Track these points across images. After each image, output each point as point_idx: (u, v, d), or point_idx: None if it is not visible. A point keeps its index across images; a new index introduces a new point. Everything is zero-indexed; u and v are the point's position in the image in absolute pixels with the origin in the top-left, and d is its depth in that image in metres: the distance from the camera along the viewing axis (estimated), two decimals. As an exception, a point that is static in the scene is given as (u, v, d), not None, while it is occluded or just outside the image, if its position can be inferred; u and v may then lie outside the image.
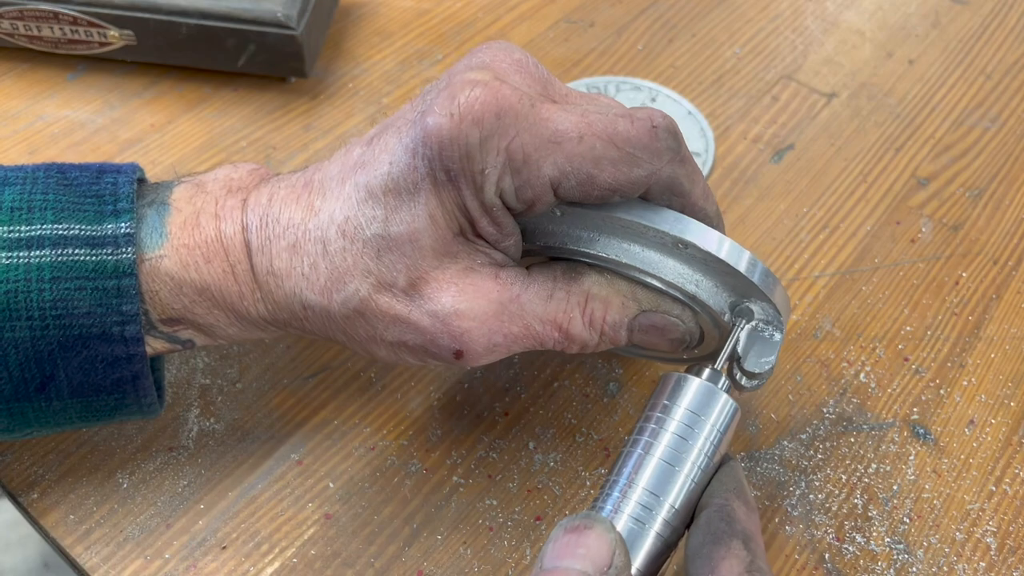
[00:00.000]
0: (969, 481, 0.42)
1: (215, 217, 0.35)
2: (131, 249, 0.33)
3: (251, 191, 0.36)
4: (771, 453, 0.42)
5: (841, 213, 0.52)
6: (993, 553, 0.39)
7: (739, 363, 0.36)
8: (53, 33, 0.54)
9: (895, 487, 0.41)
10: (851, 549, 0.39)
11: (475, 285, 0.35)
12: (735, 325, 0.36)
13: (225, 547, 0.38)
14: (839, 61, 0.61)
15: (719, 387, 0.34)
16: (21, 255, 0.33)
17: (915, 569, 0.39)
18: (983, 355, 0.46)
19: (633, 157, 0.33)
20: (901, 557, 0.39)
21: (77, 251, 0.33)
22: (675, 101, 0.57)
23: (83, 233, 0.33)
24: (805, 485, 0.41)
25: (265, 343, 0.45)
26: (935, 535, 0.40)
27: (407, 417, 0.43)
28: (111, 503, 0.39)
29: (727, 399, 0.34)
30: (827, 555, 0.39)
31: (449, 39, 0.61)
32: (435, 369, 0.44)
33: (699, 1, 0.64)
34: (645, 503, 0.32)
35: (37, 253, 0.33)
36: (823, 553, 0.39)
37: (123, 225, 0.34)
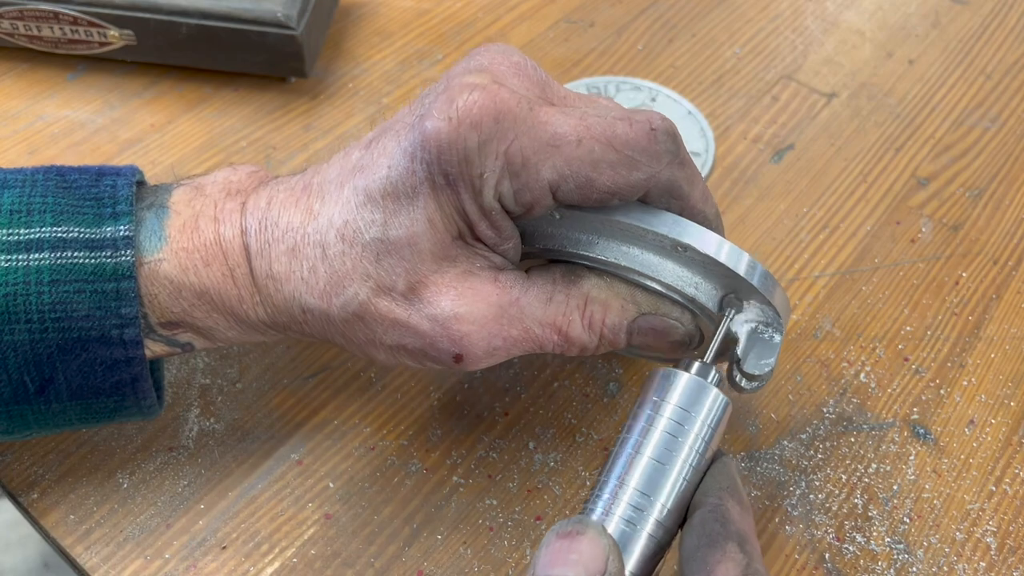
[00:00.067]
0: (969, 481, 0.42)
1: (214, 220, 0.35)
2: (130, 252, 0.33)
3: (250, 194, 0.36)
4: (771, 453, 0.42)
5: (841, 213, 0.52)
6: (993, 553, 0.39)
7: (739, 365, 0.36)
8: (53, 33, 0.54)
9: (895, 487, 0.41)
10: (851, 549, 0.39)
11: (474, 289, 0.35)
12: (724, 316, 0.36)
13: (225, 547, 0.38)
14: (839, 61, 0.61)
15: (709, 381, 0.33)
16: (20, 258, 0.33)
17: (915, 569, 0.39)
18: (983, 355, 0.46)
19: (632, 160, 0.33)
20: (901, 557, 0.39)
21: (76, 254, 0.33)
22: (675, 101, 0.57)
23: (82, 236, 0.33)
24: (805, 485, 0.41)
25: (265, 344, 0.45)
26: (935, 535, 0.40)
27: (407, 417, 0.43)
28: (111, 503, 0.39)
29: (717, 393, 0.33)
30: (827, 555, 0.39)
31: (449, 39, 0.61)
32: (435, 371, 0.44)
33: (699, 1, 0.64)
34: (636, 504, 0.31)
35: (36, 256, 0.33)
36: (823, 553, 0.39)
37: (122, 228, 0.34)
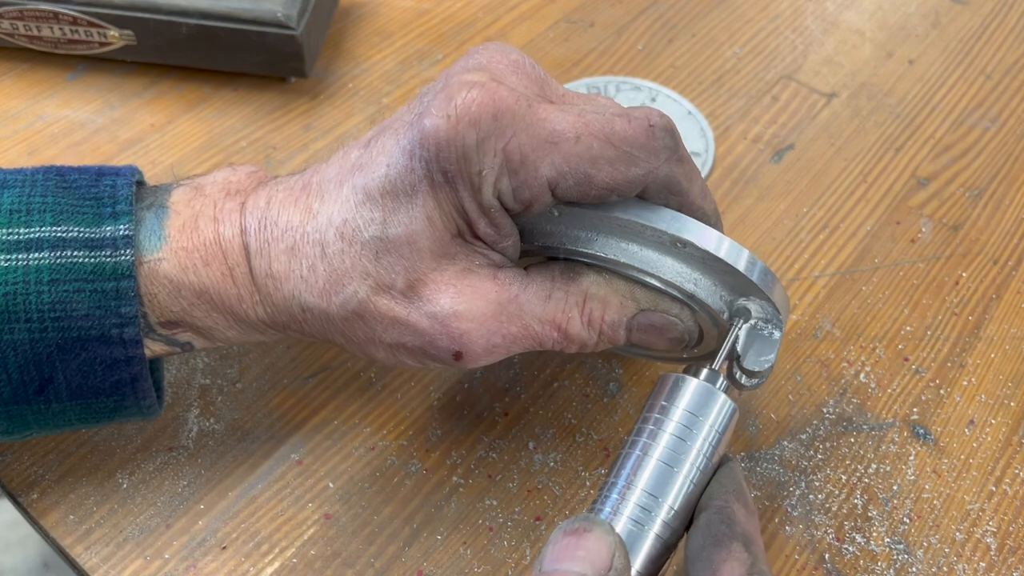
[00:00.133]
0: (969, 481, 0.42)
1: (214, 220, 0.35)
2: (130, 251, 0.33)
3: (249, 194, 0.36)
4: (771, 453, 0.42)
5: (841, 213, 0.52)
6: (993, 553, 0.39)
7: (739, 362, 0.36)
8: (53, 33, 0.54)
9: (895, 487, 0.41)
10: (851, 549, 0.39)
11: (473, 286, 0.35)
12: (732, 324, 0.36)
13: (225, 547, 0.38)
14: (839, 61, 0.61)
15: (717, 387, 0.34)
16: (20, 257, 0.33)
17: (915, 569, 0.39)
18: (983, 355, 0.46)
19: (630, 156, 0.33)
20: (901, 557, 0.39)
21: (76, 253, 0.33)
22: (675, 101, 0.57)
23: (82, 235, 0.33)
24: (805, 485, 0.41)
25: (265, 344, 0.45)
26: (935, 535, 0.40)
27: (407, 417, 0.43)
28: (111, 503, 0.39)
29: (725, 399, 0.34)
30: (827, 555, 0.39)
31: (449, 39, 0.61)
32: (435, 370, 0.44)
33: (699, 1, 0.64)
34: (644, 505, 0.32)
35: (36, 255, 0.33)
36: (823, 553, 0.39)
37: (122, 227, 0.34)
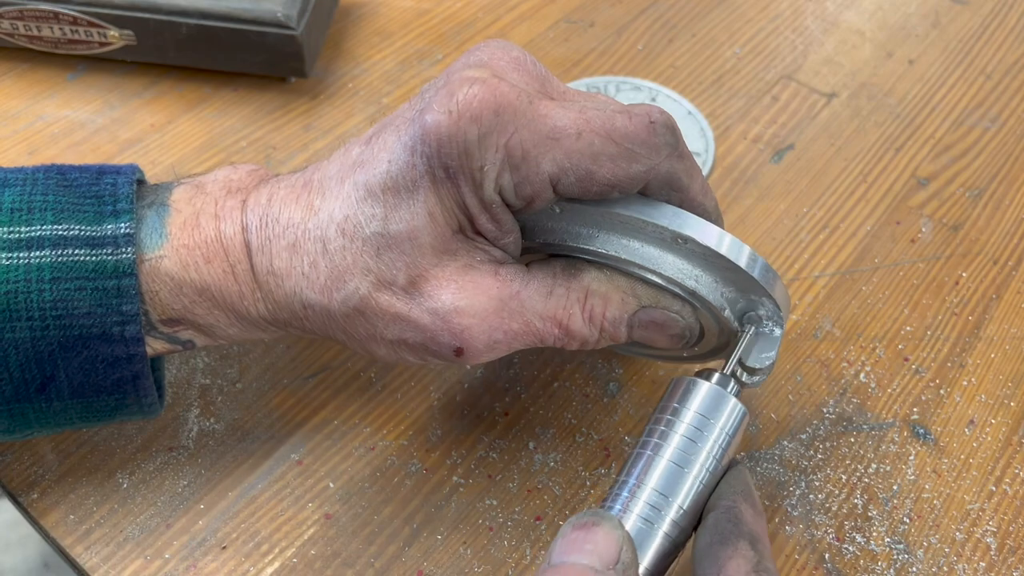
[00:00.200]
0: (969, 481, 0.42)
1: (215, 217, 0.35)
2: (131, 249, 0.33)
3: (251, 191, 0.36)
4: (771, 453, 0.42)
5: (841, 213, 0.52)
6: (993, 553, 0.39)
7: (739, 359, 0.36)
8: (53, 33, 0.54)
9: (895, 487, 0.41)
10: (851, 549, 0.39)
11: (475, 282, 0.35)
12: (743, 331, 0.36)
13: (225, 547, 0.38)
14: (839, 61, 0.61)
15: (728, 391, 0.35)
16: (21, 256, 0.33)
17: (915, 569, 0.39)
18: (983, 355, 0.46)
19: (631, 153, 0.33)
20: (901, 557, 0.39)
21: (77, 251, 0.33)
22: (675, 101, 0.57)
23: (83, 233, 0.33)
24: (805, 485, 0.41)
25: (265, 343, 0.45)
26: (935, 535, 0.40)
27: (407, 417, 0.43)
28: (111, 503, 0.39)
29: (736, 403, 0.34)
30: (827, 555, 0.39)
31: (449, 39, 0.61)
32: (435, 368, 0.44)
33: (699, 1, 0.64)
34: (654, 503, 0.32)
35: (37, 254, 0.33)
36: (823, 553, 0.39)
37: (123, 225, 0.34)
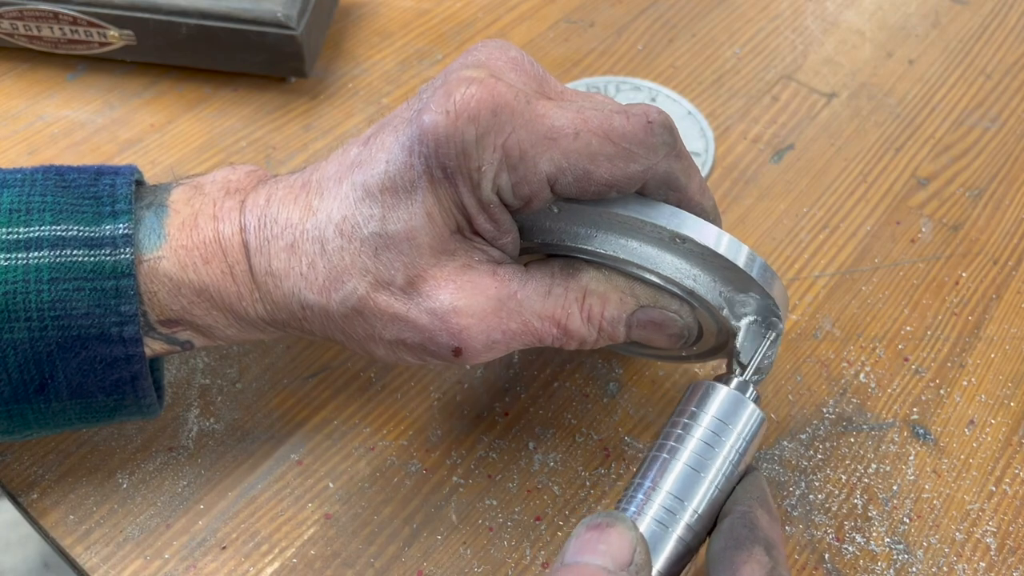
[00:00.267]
0: (969, 481, 0.42)
1: (213, 218, 0.35)
2: (129, 250, 0.33)
3: (249, 192, 0.36)
4: (771, 453, 0.42)
5: (841, 213, 0.52)
6: (993, 553, 0.39)
7: (738, 358, 0.36)
8: (53, 33, 0.54)
9: (895, 487, 0.41)
10: (851, 549, 0.39)
11: (473, 282, 0.35)
12: (764, 336, 0.36)
13: (225, 547, 0.38)
14: (839, 61, 0.61)
15: (747, 396, 0.34)
16: (19, 256, 0.33)
17: (915, 569, 0.39)
18: (983, 355, 0.46)
19: (629, 152, 0.33)
20: (901, 557, 0.39)
21: (75, 252, 0.33)
22: (675, 101, 0.57)
23: (81, 234, 0.33)
24: (805, 485, 0.41)
25: (265, 343, 0.45)
26: (935, 535, 0.40)
27: (407, 417, 0.43)
28: (111, 503, 0.39)
29: (755, 409, 0.34)
30: (827, 555, 0.39)
31: (449, 39, 0.61)
32: (435, 369, 0.44)
33: (699, 1, 0.64)
34: (669, 507, 0.32)
35: (36, 254, 0.33)
36: (823, 553, 0.39)
37: (121, 226, 0.34)
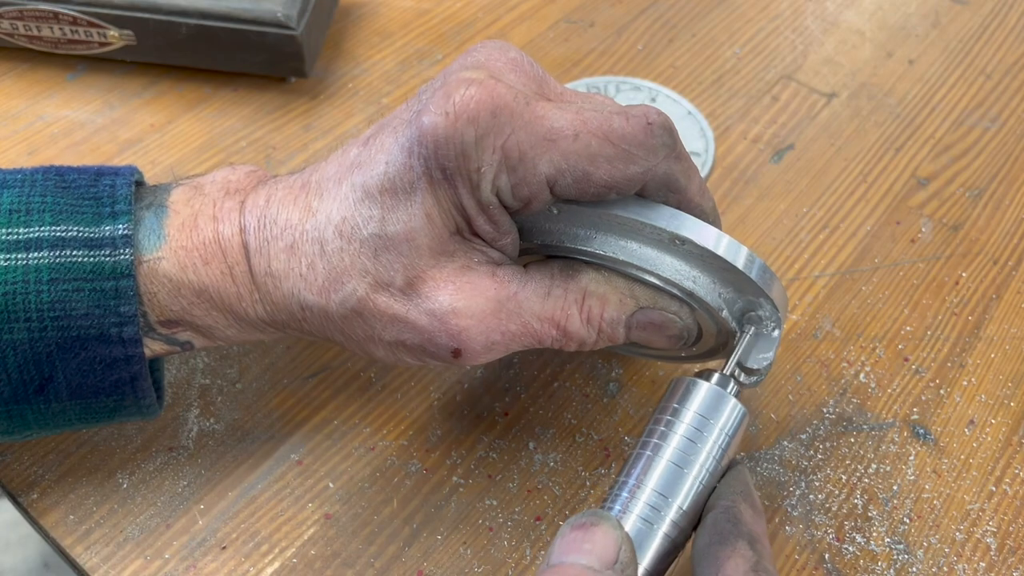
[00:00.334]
0: (969, 481, 0.42)
1: (213, 219, 0.35)
2: (129, 250, 0.33)
3: (249, 193, 0.36)
4: (771, 453, 0.42)
5: (841, 213, 0.52)
6: (993, 553, 0.39)
7: (737, 359, 0.36)
8: (53, 33, 0.54)
9: (895, 487, 0.41)
10: (851, 549, 0.39)
11: (472, 283, 0.35)
12: (743, 331, 0.36)
13: (225, 547, 0.38)
14: (839, 61, 0.61)
15: (728, 391, 0.35)
16: (19, 257, 0.33)
17: (915, 569, 0.39)
18: (983, 355, 0.46)
19: (629, 154, 0.33)
20: (901, 557, 0.39)
21: (75, 252, 0.33)
22: (675, 101, 0.57)
23: (81, 235, 0.33)
24: (805, 485, 0.41)
25: (265, 344, 0.45)
26: (935, 535, 0.40)
27: (407, 417, 0.43)
28: (111, 503, 0.39)
29: (736, 403, 0.34)
30: (827, 555, 0.39)
31: (449, 39, 0.61)
32: (434, 369, 0.44)
33: (699, 1, 0.64)
34: (653, 504, 0.32)
35: (35, 255, 0.33)
36: (823, 553, 0.39)
37: (121, 227, 0.34)
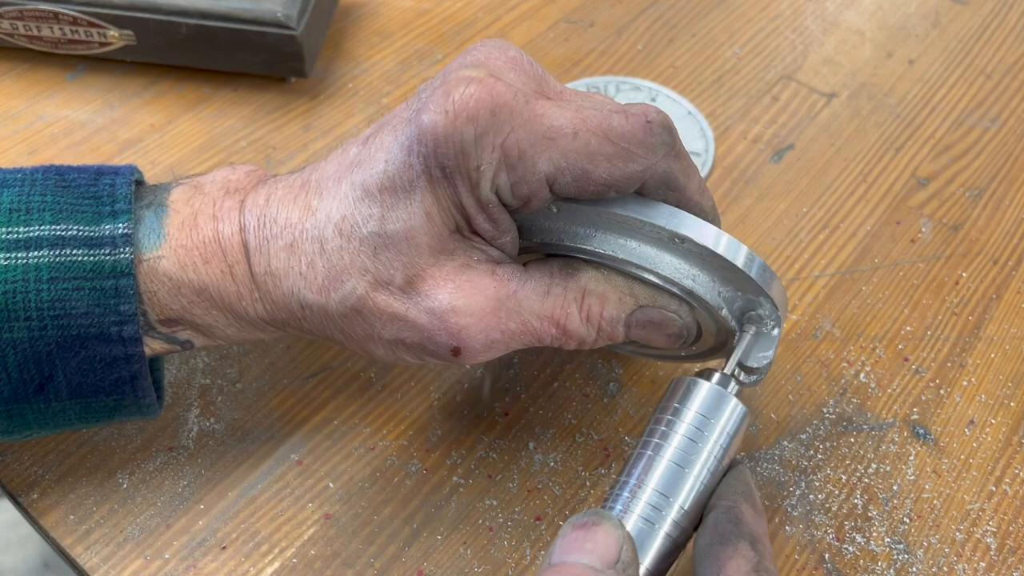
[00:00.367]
0: (969, 481, 0.42)
1: (213, 218, 0.35)
2: (129, 249, 0.33)
3: (249, 192, 0.36)
4: (771, 453, 0.42)
5: (841, 213, 0.52)
6: (993, 553, 0.39)
7: (737, 358, 0.36)
8: (53, 33, 0.54)
9: (895, 487, 0.41)
10: (851, 549, 0.39)
11: (472, 282, 0.35)
12: (741, 330, 0.36)
13: (225, 547, 0.38)
14: (839, 61, 0.61)
15: (729, 391, 0.35)
16: (19, 256, 0.33)
17: (915, 569, 0.39)
18: (983, 355, 0.46)
19: (628, 152, 0.33)
20: (901, 557, 0.39)
21: (75, 251, 0.33)
22: (675, 101, 0.57)
23: (81, 234, 0.33)
24: (805, 485, 0.41)
25: (265, 343, 0.45)
26: (935, 535, 0.40)
27: (407, 417, 0.43)
28: (111, 503, 0.39)
29: (737, 403, 0.34)
30: (827, 555, 0.39)
31: (449, 39, 0.61)
32: (434, 368, 0.44)
33: (699, 1, 0.64)
34: (655, 504, 0.32)
35: (35, 254, 0.33)
36: (823, 553, 0.39)
37: (121, 226, 0.34)
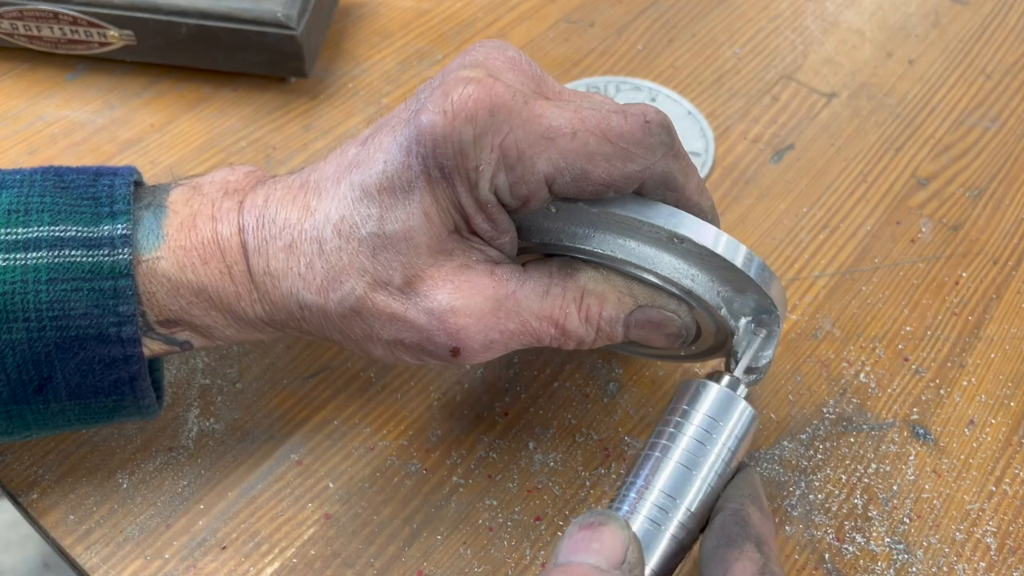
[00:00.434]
0: (969, 481, 0.42)
1: (212, 219, 0.35)
2: (127, 250, 0.33)
3: (248, 193, 0.36)
4: (771, 453, 0.42)
5: (841, 213, 0.52)
6: (993, 553, 0.39)
7: (736, 358, 0.36)
8: (53, 33, 0.54)
9: (895, 487, 0.41)
10: (851, 549, 0.39)
11: (471, 282, 0.35)
12: (754, 333, 0.36)
13: (225, 547, 0.38)
14: (839, 61, 0.61)
15: (738, 394, 0.35)
16: (18, 257, 0.33)
17: (915, 569, 0.39)
18: (983, 355, 0.46)
19: (627, 152, 0.33)
20: (901, 557, 0.39)
21: (74, 252, 0.33)
22: (675, 101, 0.57)
23: (80, 235, 0.33)
24: (805, 485, 0.41)
25: (264, 343, 0.45)
26: (935, 535, 0.40)
27: (407, 417, 0.43)
28: (111, 503, 0.39)
29: (746, 406, 0.34)
30: (827, 555, 0.39)
31: (449, 39, 0.61)
32: (434, 369, 0.44)
33: (699, 1, 0.64)
34: (661, 505, 0.32)
35: (34, 255, 0.33)
36: (823, 553, 0.39)
37: (119, 226, 0.34)
